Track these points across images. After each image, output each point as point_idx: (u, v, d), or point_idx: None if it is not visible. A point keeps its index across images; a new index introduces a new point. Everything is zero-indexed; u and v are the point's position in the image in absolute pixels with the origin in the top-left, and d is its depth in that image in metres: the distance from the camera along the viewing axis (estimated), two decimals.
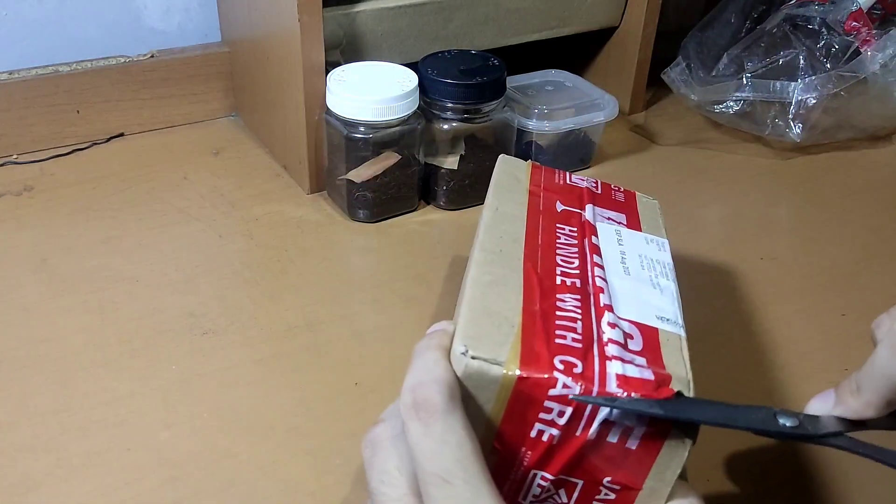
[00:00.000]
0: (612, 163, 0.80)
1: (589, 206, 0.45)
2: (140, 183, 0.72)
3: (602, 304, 0.36)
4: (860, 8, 0.77)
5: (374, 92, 0.63)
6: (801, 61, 0.78)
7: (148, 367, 0.52)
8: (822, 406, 0.33)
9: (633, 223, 0.46)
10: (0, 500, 0.43)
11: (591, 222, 0.44)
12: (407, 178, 0.68)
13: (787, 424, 0.32)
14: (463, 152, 0.68)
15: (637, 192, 0.50)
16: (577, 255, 0.40)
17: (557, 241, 0.41)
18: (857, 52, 0.77)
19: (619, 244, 0.43)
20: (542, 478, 0.33)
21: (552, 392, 0.31)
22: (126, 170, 0.74)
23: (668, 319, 0.37)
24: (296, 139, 0.70)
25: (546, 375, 0.31)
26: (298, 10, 0.62)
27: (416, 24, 0.72)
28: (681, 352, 0.35)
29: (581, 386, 0.31)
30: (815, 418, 0.33)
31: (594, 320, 0.35)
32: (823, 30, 0.78)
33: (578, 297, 0.36)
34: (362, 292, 0.60)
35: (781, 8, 0.80)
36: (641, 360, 0.33)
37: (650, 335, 0.36)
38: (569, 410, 0.31)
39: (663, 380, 0.32)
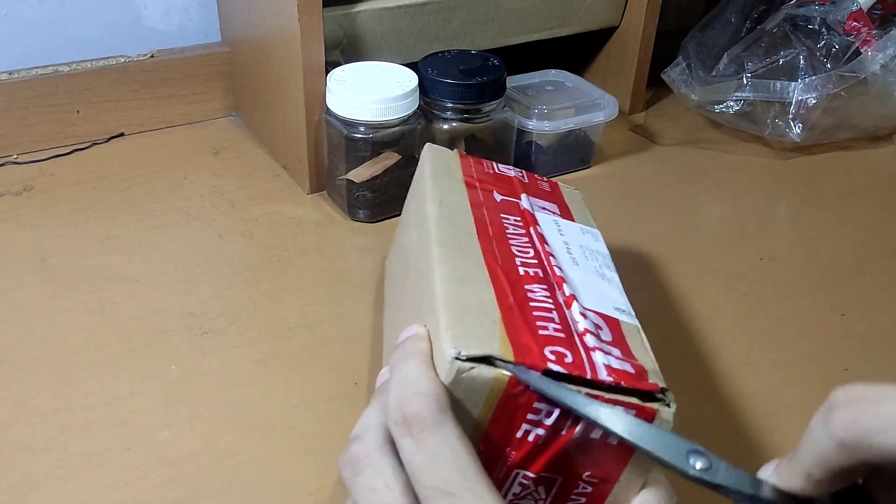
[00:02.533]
0: (612, 163, 0.80)
1: (524, 196, 0.44)
2: (140, 183, 0.72)
3: (567, 294, 0.36)
4: (860, 8, 0.77)
5: (374, 92, 0.63)
6: (801, 61, 0.78)
7: (148, 367, 0.52)
8: (766, 471, 0.29)
9: (565, 213, 0.45)
10: (0, 500, 0.43)
11: (531, 211, 0.42)
12: (407, 178, 0.67)
13: (697, 466, 0.29)
14: (463, 152, 0.68)
15: (560, 183, 0.49)
16: (529, 245, 0.39)
17: (507, 231, 0.40)
18: (857, 52, 0.77)
19: (560, 234, 0.42)
20: (524, 476, 0.32)
21: None
22: (126, 170, 0.74)
23: (623, 311, 0.37)
24: (296, 139, 0.70)
25: (541, 366, 0.31)
26: (298, 10, 0.62)
27: (416, 24, 0.71)
28: (643, 343, 0.35)
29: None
30: (747, 476, 0.29)
31: (565, 310, 0.34)
32: (823, 30, 0.78)
33: (545, 286, 0.36)
34: (362, 292, 0.60)
35: (781, 8, 0.80)
36: (617, 352, 0.33)
37: (614, 326, 0.35)
38: (556, 411, 0.31)
39: (642, 372, 0.32)
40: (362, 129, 0.64)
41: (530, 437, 0.31)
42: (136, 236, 0.65)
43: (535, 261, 0.38)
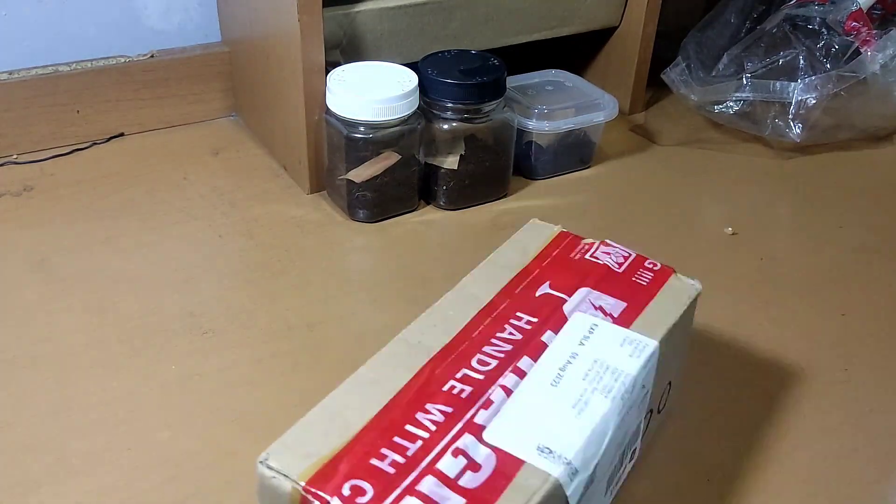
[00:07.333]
0: (612, 163, 0.80)
1: (584, 291, 0.41)
2: (140, 183, 0.72)
3: (474, 422, 0.34)
4: (860, 8, 0.77)
5: (374, 92, 0.63)
6: (801, 61, 0.78)
7: (148, 366, 0.52)
8: None
9: (630, 315, 0.40)
10: (0, 499, 0.43)
11: (566, 314, 0.40)
12: (407, 178, 0.68)
13: None
14: (463, 152, 0.68)
15: (677, 274, 0.44)
16: (500, 357, 0.38)
17: (494, 336, 0.39)
18: (857, 53, 0.77)
19: (581, 344, 0.38)
20: None
21: None
22: (126, 170, 0.74)
23: (550, 452, 0.33)
24: (296, 139, 0.70)
25: (319, 500, 0.31)
26: (298, 10, 0.62)
27: (416, 24, 0.72)
28: (531, 495, 0.31)
29: None
30: None
31: (445, 441, 0.33)
32: (823, 30, 0.78)
33: (451, 409, 0.35)
34: (362, 292, 0.60)
35: (781, 8, 0.80)
36: (460, 500, 0.31)
37: (507, 470, 0.32)
38: None
39: None
40: (362, 129, 0.64)
41: None
42: (136, 236, 0.65)
43: (482, 377, 0.36)
